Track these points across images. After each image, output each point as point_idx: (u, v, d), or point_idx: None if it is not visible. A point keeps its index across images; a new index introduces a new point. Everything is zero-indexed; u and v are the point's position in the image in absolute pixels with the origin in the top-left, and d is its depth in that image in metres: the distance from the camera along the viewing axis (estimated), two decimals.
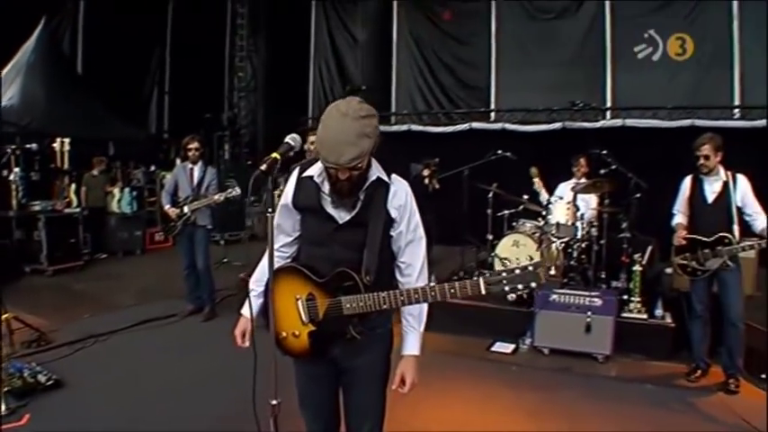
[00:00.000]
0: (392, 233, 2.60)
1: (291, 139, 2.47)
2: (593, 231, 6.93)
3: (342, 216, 2.53)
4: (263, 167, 2.32)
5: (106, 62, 11.69)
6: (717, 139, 5.19)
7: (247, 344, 2.86)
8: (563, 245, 6.91)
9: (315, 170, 2.55)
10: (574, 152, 7.79)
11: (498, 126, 11.30)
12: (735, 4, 10.30)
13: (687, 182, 5.39)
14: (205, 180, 6.77)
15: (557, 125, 10.75)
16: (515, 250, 6.98)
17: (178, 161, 11.50)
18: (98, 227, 10.38)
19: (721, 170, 5.18)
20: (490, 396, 5.00)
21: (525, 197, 7.57)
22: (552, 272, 6.62)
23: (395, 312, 2.68)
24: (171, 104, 13.49)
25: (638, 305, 6.09)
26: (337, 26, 13.54)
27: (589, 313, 5.75)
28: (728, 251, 4.99)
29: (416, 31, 12.77)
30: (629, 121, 10.32)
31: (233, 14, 13.77)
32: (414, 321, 2.70)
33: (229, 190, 6.53)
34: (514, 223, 7.55)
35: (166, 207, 6.75)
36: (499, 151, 7.93)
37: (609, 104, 11.06)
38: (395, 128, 11.94)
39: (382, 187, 2.54)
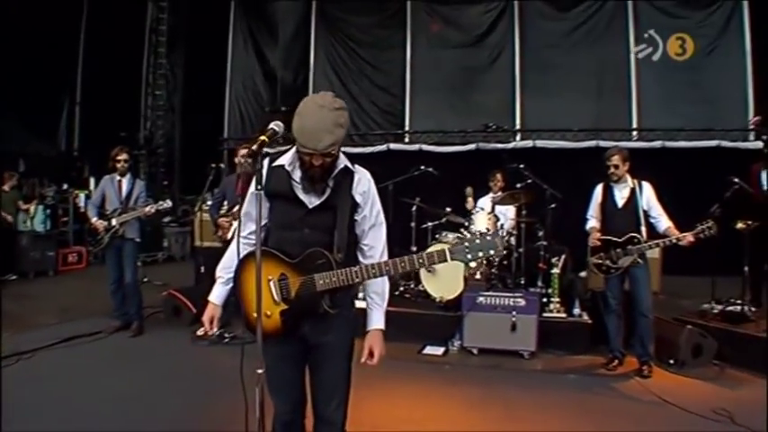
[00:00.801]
0: (356, 217, 2.82)
1: (275, 125, 2.59)
2: (512, 240, 7.38)
3: (312, 201, 2.72)
4: (254, 147, 2.47)
5: (13, 73, 11.05)
6: (625, 151, 5.86)
7: (216, 329, 3.04)
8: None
9: (285, 160, 2.74)
10: (490, 169, 8.29)
11: (415, 147, 11.77)
12: (632, 43, 11.37)
13: (599, 189, 5.96)
14: (134, 192, 6.69)
15: (471, 146, 11.35)
16: None
17: (92, 180, 11.25)
18: (8, 246, 9.88)
19: (629, 178, 5.79)
20: (431, 391, 5.26)
21: (448, 209, 7.95)
22: (478, 276, 6.99)
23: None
24: (83, 121, 12.99)
25: (558, 305, 6.59)
26: (255, 48, 13.64)
27: (514, 313, 6.13)
28: (638, 249, 5.54)
29: (333, 57, 13.10)
30: (540, 143, 11.06)
31: (151, 31, 13.55)
32: (378, 299, 2.92)
33: (160, 202, 6.52)
34: (438, 235, 7.86)
35: (93, 220, 6.61)
36: (422, 167, 8.32)
37: (519, 127, 11.74)
38: None
39: (348, 175, 2.76)
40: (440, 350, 6.36)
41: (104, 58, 12.53)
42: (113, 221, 6.51)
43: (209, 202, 7.32)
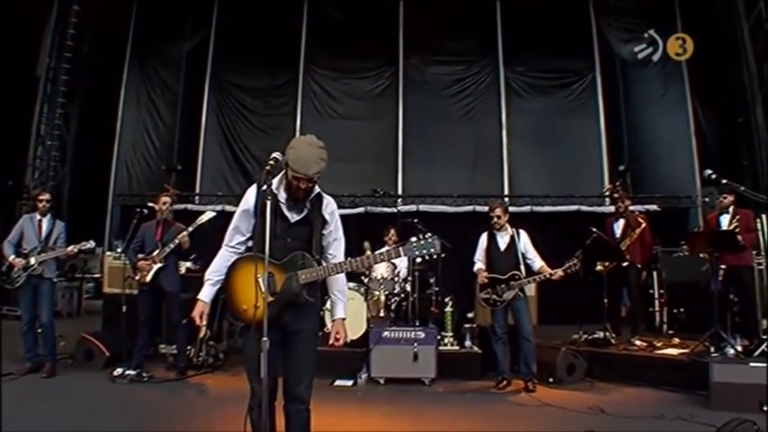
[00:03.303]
0: (324, 232, 3.79)
1: (278, 155, 3.53)
2: (407, 287, 8.48)
3: (293, 217, 3.67)
4: (267, 168, 3.43)
5: None
6: (505, 204, 7.31)
7: (204, 322, 3.89)
8: (385, 297, 8.33)
9: (272, 184, 3.60)
10: (380, 228, 9.45)
11: None
12: (503, 119, 13.34)
13: (484, 237, 7.30)
14: (54, 233, 7.09)
15: (360, 209, 12.51)
16: None
17: None
18: None
19: (509, 227, 7.15)
20: (348, 409, 6.08)
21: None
22: (381, 314, 8.01)
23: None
24: None
25: (452, 339, 7.73)
26: (147, 105, 14.20)
27: (415, 344, 7.16)
28: (519, 284, 6.87)
29: (225, 120, 14.01)
30: (423, 207, 12.39)
31: (47, 80, 13.29)
32: (340, 295, 3.92)
33: (83, 242, 6.96)
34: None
35: (11, 258, 6.90)
36: None
37: (401, 192, 13.13)
38: (209, 207, 12.68)
39: (320, 199, 3.76)
40: (349, 382, 7.17)
41: None
42: (32, 260, 6.86)
43: (119, 249, 7.82)
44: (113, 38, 13.79)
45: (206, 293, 3.82)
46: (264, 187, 3.50)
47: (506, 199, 12.74)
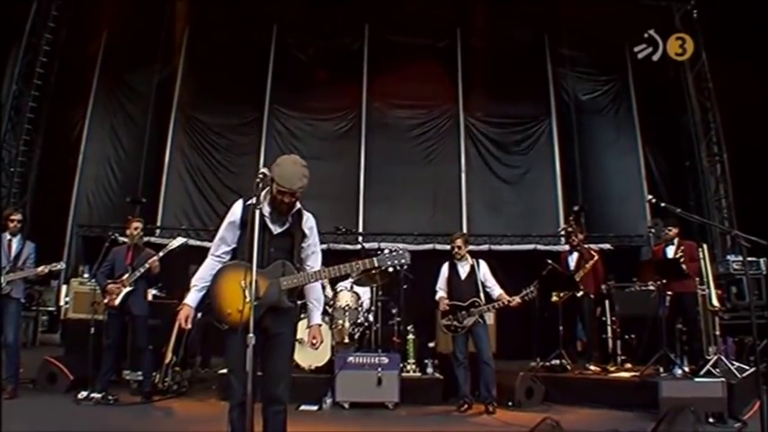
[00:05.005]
0: (303, 245, 4.19)
1: (266, 170, 3.93)
2: (371, 317, 8.79)
3: (276, 229, 4.05)
4: (257, 181, 3.82)
5: None
6: (466, 236, 7.79)
7: (189, 326, 4.17)
8: (349, 325, 8.60)
9: (260, 197, 3.97)
10: (345, 260, 9.78)
11: None
12: (463, 162, 13.94)
13: (445, 266, 7.75)
14: (23, 253, 7.18)
15: (323, 246, 12.77)
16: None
17: None
18: None
19: (469, 257, 7.61)
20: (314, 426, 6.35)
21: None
22: (347, 340, 8.28)
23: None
24: None
25: (414, 366, 8.05)
26: (111, 137, 14.20)
27: (379, 369, 7.44)
28: (479, 311, 7.29)
29: (189, 156, 14.18)
30: (384, 245, 12.74)
31: (11, 108, 13.17)
32: (317, 303, 4.32)
33: (54, 264, 7.10)
34: (304, 312, 9.00)
35: None
36: None
37: (362, 230, 13.51)
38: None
39: (300, 214, 4.16)
40: (314, 407, 7.38)
41: None
42: (0, 279, 6.92)
43: (86, 275, 7.97)
44: (81, 68, 13.89)
45: (192, 299, 4.11)
46: (253, 199, 3.85)
47: None
